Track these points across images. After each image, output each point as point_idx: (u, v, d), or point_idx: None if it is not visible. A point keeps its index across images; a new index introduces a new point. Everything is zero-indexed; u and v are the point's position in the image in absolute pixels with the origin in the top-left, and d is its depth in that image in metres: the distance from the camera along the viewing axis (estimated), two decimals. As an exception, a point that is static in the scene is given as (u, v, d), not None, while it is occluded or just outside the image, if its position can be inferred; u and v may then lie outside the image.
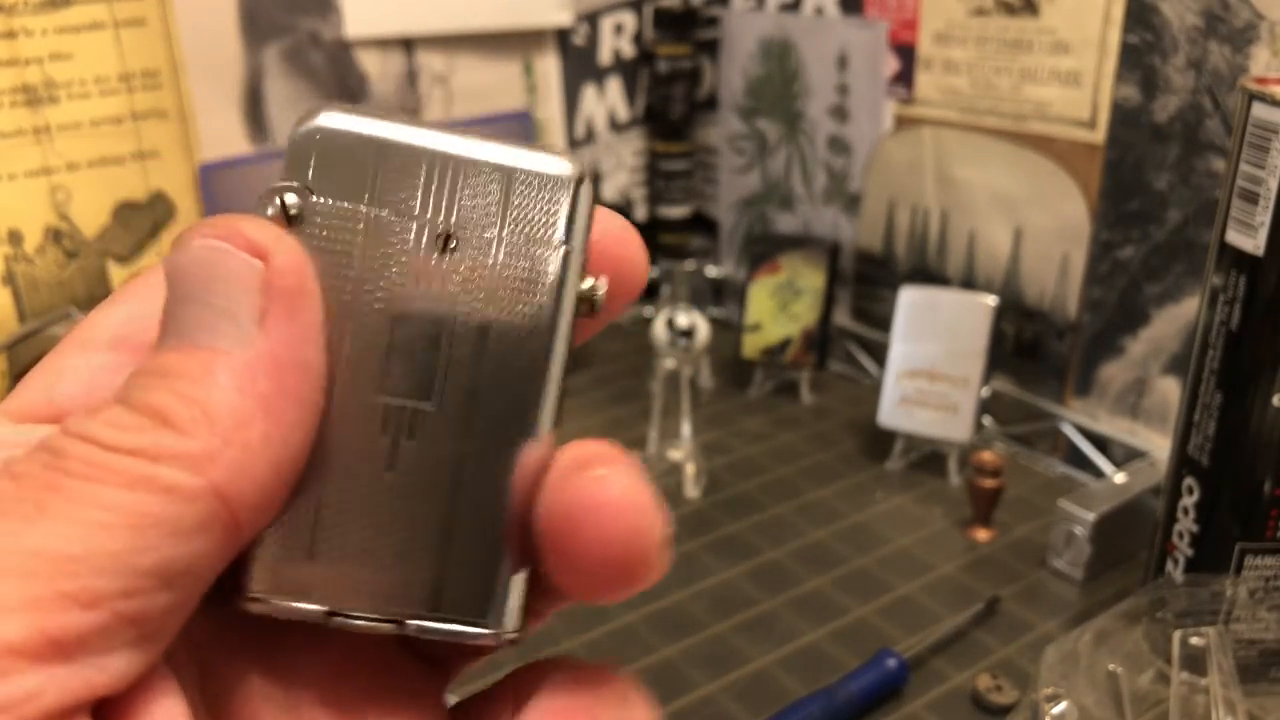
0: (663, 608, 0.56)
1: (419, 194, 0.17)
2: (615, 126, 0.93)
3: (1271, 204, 0.42)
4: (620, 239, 0.19)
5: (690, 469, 0.67)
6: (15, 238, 0.67)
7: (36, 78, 0.65)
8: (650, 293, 0.97)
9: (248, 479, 0.15)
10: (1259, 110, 0.42)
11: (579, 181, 0.18)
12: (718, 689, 0.50)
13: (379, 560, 0.18)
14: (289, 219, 0.17)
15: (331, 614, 0.18)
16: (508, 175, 0.18)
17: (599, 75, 0.91)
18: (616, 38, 0.91)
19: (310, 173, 0.17)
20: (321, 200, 0.17)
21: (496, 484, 0.18)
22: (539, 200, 0.18)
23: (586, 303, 0.18)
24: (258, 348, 0.16)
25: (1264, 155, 0.42)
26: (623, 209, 0.96)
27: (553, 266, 0.18)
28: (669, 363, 0.69)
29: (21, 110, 0.65)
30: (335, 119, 0.17)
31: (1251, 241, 0.43)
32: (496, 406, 0.18)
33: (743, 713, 0.48)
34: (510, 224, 0.18)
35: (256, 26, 0.73)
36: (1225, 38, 0.57)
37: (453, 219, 0.17)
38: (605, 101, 0.92)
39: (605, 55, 0.91)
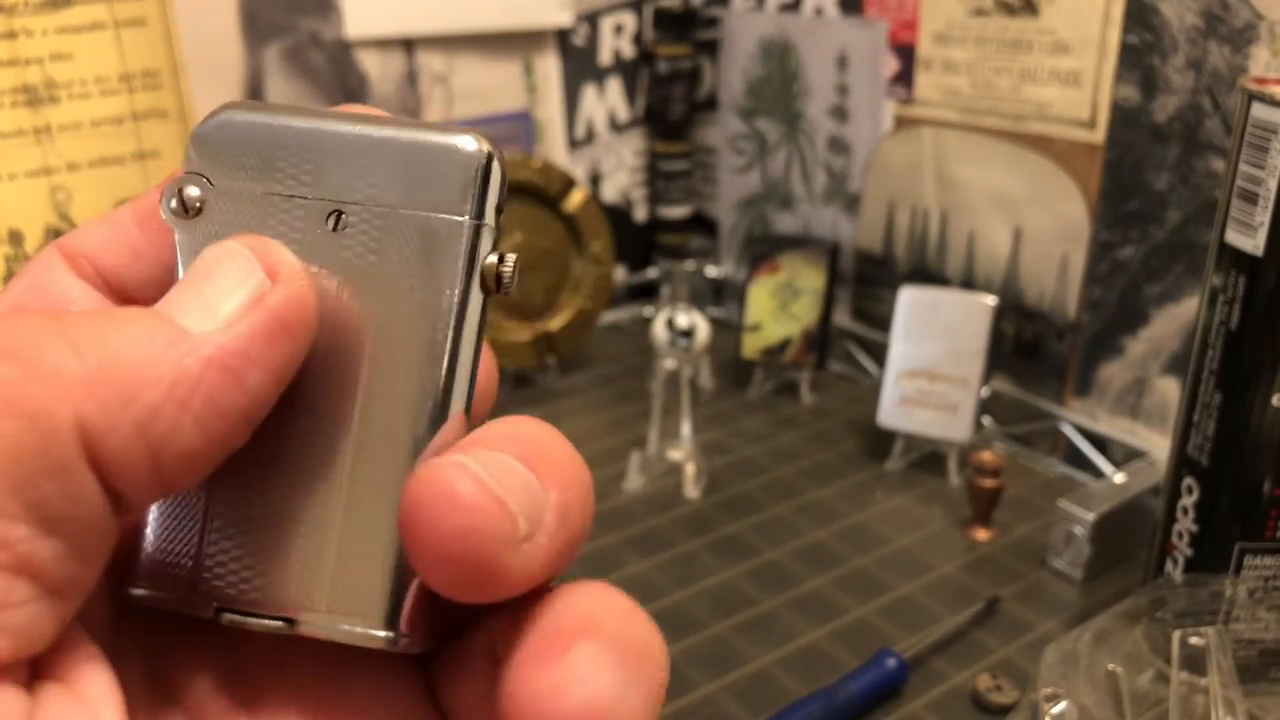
0: (663, 607, 0.56)
1: (312, 176, 0.17)
2: (615, 127, 0.94)
3: (1271, 204, 0.42)
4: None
5: (690, 469, 0.67)
6: (16, 238, 0.67)
7: (37, 78, 0.65)
8: (650, 293, 0.97)
9: (115, 434, 0.14)
10: (1258, 110, 0.42)
11: (487, 158, 0.17)
12: (718, 689, 0.50)
13: (273, 558, 0.17)
14: (187, 210, 0.17)
15: (221, 610, 0.17)
16: (410, 153, 0.17)
17: (599, 75, 0.91)
18: (616, 38, 0.91)
19: (211, 164, 0.17)
20: (221, 187, 0.17)
21: (395, 477, 0.17)
22: (442, 177, 0.17)
23: (493, 278, 0.17)
24: (212, 341, 0.15)
25: (1263, 155, 0.42)
26: (623, 209, 0.96)
27: (455, 241, 0.17)
28: (669, 363, 0.69)
29: (22, 110, 0.65)
30: (235, 114, 0.18)
31: (1251, 241, 0.43)
32: (395, 392, 0.17)
33: (743, 712, 0.48)
34: (410, 201, 0.17)
35: (257, 27, 0.74)
36: (1225, 38, 0.57)
37: (347, 196, 0.17)
38: (605, 102, 0.92)
39: (605, 56, 0.91)
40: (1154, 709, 0.46)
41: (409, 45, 0.80)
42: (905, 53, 0.75)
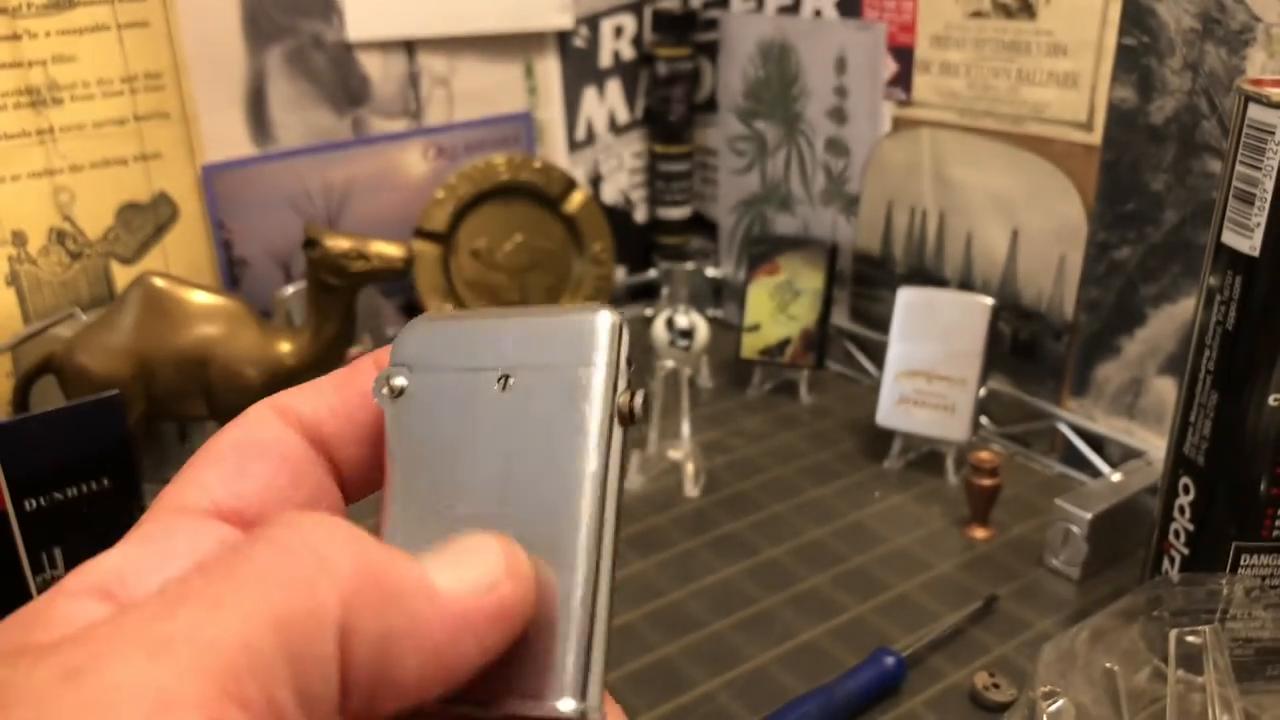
0: (662, 606, 0.56)
1: (485, 354, 0.22)
2: (615, 128, 0.94)
3: (1267, 205, 0.42)
4: None
5: (690, 468, 0.67)
6: (19, 238, 0.67)
7: (40, 79, 0.65)
8: (650, 293, 0.97)
9: (362, 641, 0.16)
10: (1255, 111, 0.42)
11: (618, 323, 0.21)
12: (717, 687, 0.50)
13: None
14: (394, 394, 0.22)
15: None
16: (559, 326, 0.21)
17: (599, 77, 0.91)
18: (616, 40, 0.91)
19: (410, 356, 0.22)
20: (418, 372, 0.22)
21: (566, 577, 0.20)
22: (584, 340, 0.21)
23: (627, 410, 0.21)
24: (451, 598, 0.18)
25: (1260, 156, 0.42)
26: (623, 210, 0.97)
27: (597, 384, 0.21)
28: (669, 363, 0.69)
29: (25, 112, 0.65)
30: (426, 320, 0.23)
31: (1247, 242, 0.43)
32: (554, 504, 0.20)
33: (742, 710, 0.49)
34: (561, 361, 0.21)
35: (259, 28, 0.74)
36: (1222, 40, 0.57)
37: (512, 363, 0.21)
38: (605, 103, 0.92)
39: (605, 57, 0.91)
40: (1151, 707, 0.46)
41: (410, 47, 0.81)
42: (903, 54, 0.75)
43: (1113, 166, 0.64)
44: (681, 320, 0.77)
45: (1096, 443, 0.68)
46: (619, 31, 0.91)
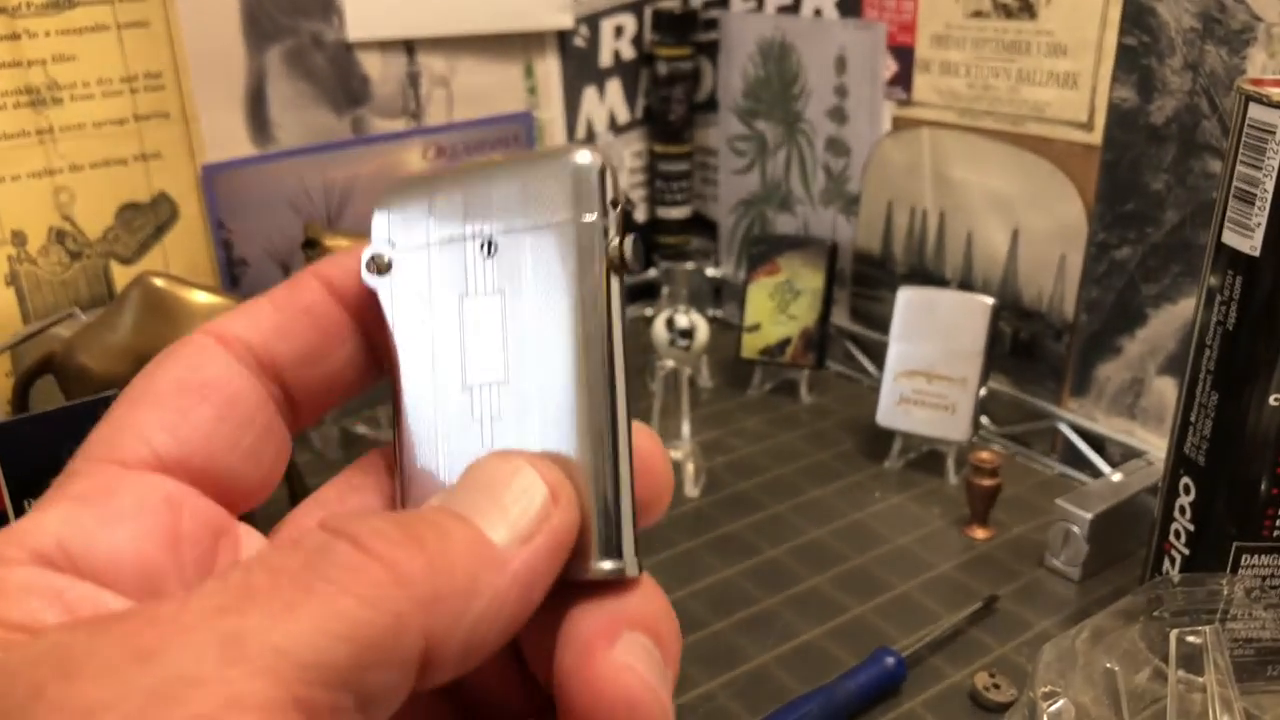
0: (663, 606, 0.56)
1: (462, 217, 0.21)
2: (615, 128, 0.94)
3: (1268, 205, 0.42)
4: (646, 466, 0.21)
5: (690, 468, 0.67)
6: (19, 238, 0.67)
7: (40, 79, 0.65)
8: (650, 293, 0.97)
9: (448, 644, 0.16)
10: (1256, 111, 0.42)
11: (599, 164, 0.20)
12: (717, 687, 0.50)
13: None
14: (380, 270, 0.21)
15: None
16: (533, 176, 0.20)
17: (599, 77, 0.91)
18: (616, 40, 0.91)
19: (391, 230, 0.21)
20: (401, 245, 0.21)
21: (579, 441, 0.19)
22: (561, 188, 0.20)
23: (618, 258, 0.20)
24: (517, 558, 0.17)
25: (1260, 156, 0.42)
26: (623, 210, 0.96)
27: (582, 236, 0.20)
28: (669, 363, 0.69)
29: (25, 111, 0.65)
30: (400, 188, 0.22)
31: (1248, 242, 0.43)
32: (557, 364, 0.20)
33: (742, 711, 0.49)
34: (542, 216, 0.20)
35: (259, 28, 0.74)
36: (1222, 39, 0.57)
37: (492, 227, 0.21)
38: (605, 103, 0.92)
39: (605, 57, 0.91)
40: (1151, 707, 0.46)
41: (410, 47, 0.81)
42: (904, 54, 0.75)
43: (1113, 166, 0.64)
44: (681, 320, 0.77)
45: (1097, 443, 0.68)
46: (619, 31, 0.91)
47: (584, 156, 0.20)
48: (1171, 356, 0.63)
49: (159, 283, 0.62)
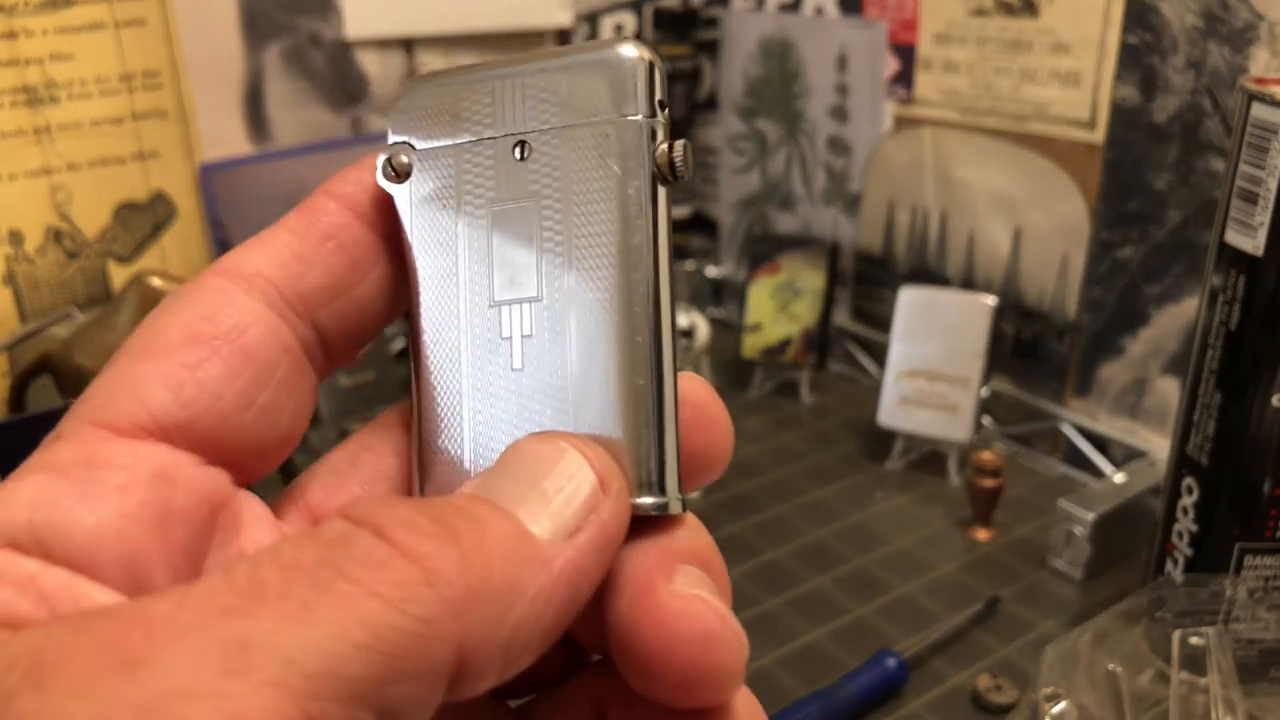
0: (663, 607, 0.56)
1: (493, 117, 0.19)
2: (615, 127, 0.94)
3: (1271, 204, 0.42)
4: (705, 417, 0.19)
5: (690, 469, 0.67)
6: (16, 238, 0.67)
7: (37, 78, 0.65)
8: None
9: (484, 652, 0.14)
10: (1258, 110, 0.42)
11: (648, 61, 0.18)
12: (718, 688, 0.50)
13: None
14: (399, 175, 0.19)
15: None
16: (575, 73, 0.19)
17: (599, 76, 0.91)
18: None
19: (410, 131, 0.20)
20: (422, 149, 0.19)
21: (620, 362, 0.18)
22: (608, 86, 0.18)
23: (667, 166, 0.18)
24: (561, 554, 0.16)
25: (1263, 155, 0.42)
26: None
27: (630, 138, 0.18)
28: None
29: (22, 110, 0.65)
30: (420, 84, 0.20)
31: (1251, 241, 0.43)
32: (597, 280, 0.18)
33: (743, 712, 0.48)
34: (582, 115, 0.18)
35: (257, 27, 0.74)
36: (1225, 38, 0.57)
37: (526, 127, 0.19)
38: (605, 102, 0.92)
39: (605, 56, 0.91)
40: (1154, 709, 0.46)
41: (409, 45, 0.80)
42: (905, 53, 0.75)
43: (1115, 165, 0.64)
44: (682, 320, 0.77)
45: (1099, 443, 0.68)
46: (619, 29, 0.91)
47: (630, 50, 0.18)
48: (1174, 356, 0.63)
49: (157, 282, 0.62)
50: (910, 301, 0.68)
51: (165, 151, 0.71)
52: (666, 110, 0.19)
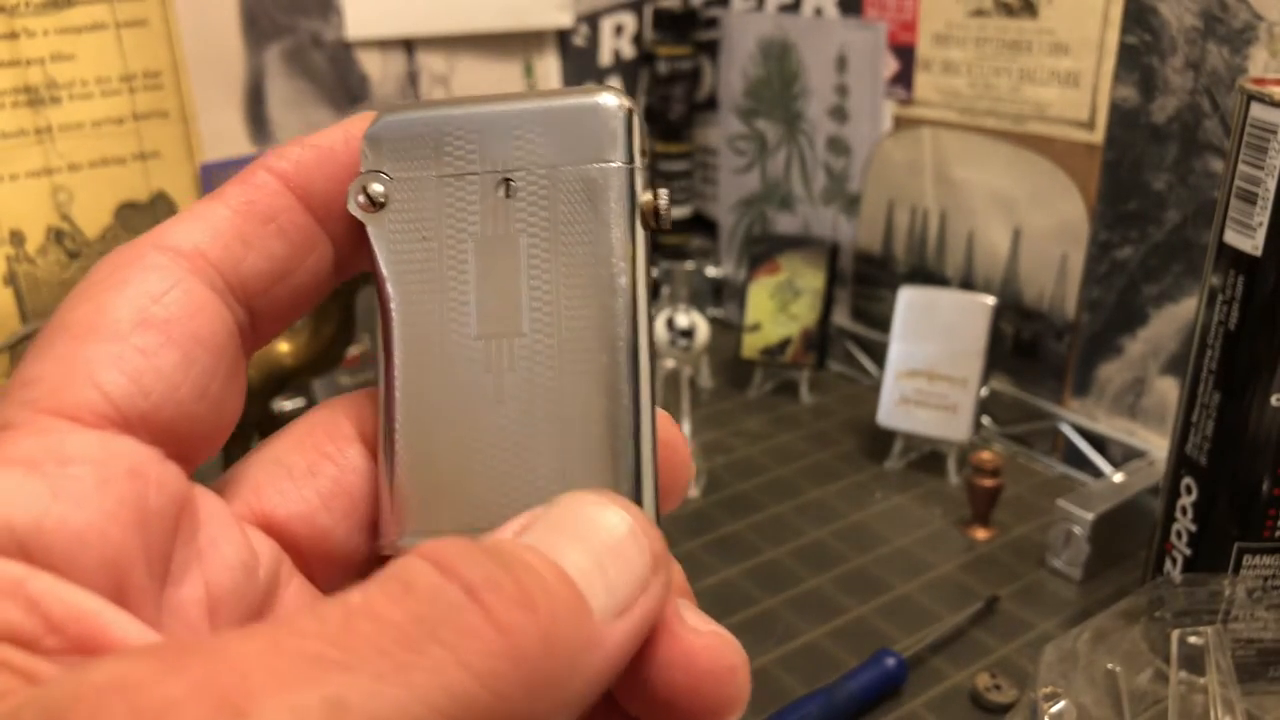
0: (663, 607, 0.56)
1: (477, 153, 0.19)
2: (615, 127, 0.94)
3: (1270, 204, 0.42)
4: (678, 459, 0.20)
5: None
6: (17, 238, 0.67)
7: (38, 78, 0.65)
8: (650, 293, 0.97)
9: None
10: (1257, 111, 0.42)
11: (628, 110, 0.19)
12: (717, 688, 0.50)
13: (505, 490, 0.18)
14: (374, 204, 0.19)
15: None
16: (560, 117, 0.19)
17: (599, 76, 0.91)
18: (616, 39, 0.91)
19: (385, 159, 0.19)
20: (399, 178, 0.19)
21: (603, 402, 0.18)
22: (591, 132, 0.19)
23: (650, 213, 0.19)
24: (611, 637, 0.15)
25: (1262, 156, 0.42)
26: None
27: (614, 184, 0.19)
28: (669, 363, 0.69)
29: (23, 111, 0.65)
30: (396, 113, 0.19)
31: (1250, 242, 0.43)
32: (583, 319, 0.19)
33: (742, 711, 0.49)
34: (568, 159, 0.19)
35: (258, 27, 0.74)
36: (1224, 38, 0.57)
37: (512, 165, 0.19)
38: (605, 102, 0.92)
39: (605, 56, 0.91)
40: (1153, 708, 0.46)
41: (409, 46, 0.80)
42: (905, 53, 0.75)
43: (1114, 166, 0.64)
44: (681, 320, 0.77)
45: (1098, 443, 0.68)
46: (619, 30, 0.91)
47: (609, 99, 0.19)
48: (1173, 356, 0.63)
49: (158, 282, 0.62)
50: (910, 301, 0.69)
51: (166, 152, 0.71)
52: (646, 158, 0.19)
